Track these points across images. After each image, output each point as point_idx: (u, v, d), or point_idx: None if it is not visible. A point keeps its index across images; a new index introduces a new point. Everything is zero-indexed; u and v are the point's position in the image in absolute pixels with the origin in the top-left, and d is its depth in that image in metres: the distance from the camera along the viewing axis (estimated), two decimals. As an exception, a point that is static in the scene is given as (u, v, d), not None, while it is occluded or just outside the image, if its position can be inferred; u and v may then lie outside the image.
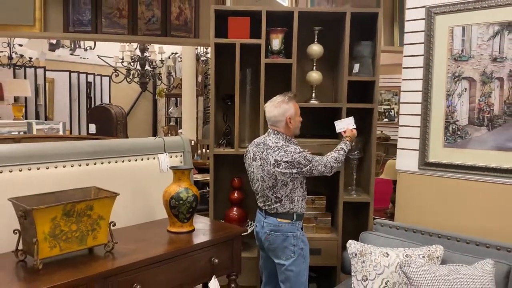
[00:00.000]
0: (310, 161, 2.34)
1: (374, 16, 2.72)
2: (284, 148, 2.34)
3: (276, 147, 2.35)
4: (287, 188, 2.37)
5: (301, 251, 2.44)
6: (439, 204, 2.49)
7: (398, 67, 6.68)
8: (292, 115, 2.39)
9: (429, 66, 2.51)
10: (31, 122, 4.89)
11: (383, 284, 2.07)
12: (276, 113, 2.39)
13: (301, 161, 2.31)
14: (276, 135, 2.41)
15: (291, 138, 2.45)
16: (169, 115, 8.51)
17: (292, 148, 2.35)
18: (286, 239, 2.40)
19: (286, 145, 2.37)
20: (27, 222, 1.71)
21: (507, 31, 2.27)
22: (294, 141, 2.47)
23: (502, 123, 2.30)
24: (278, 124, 2.40)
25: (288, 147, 2.35)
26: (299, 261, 2.43)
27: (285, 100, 2.40)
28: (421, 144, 2.55)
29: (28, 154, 2.06)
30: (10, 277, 1.68)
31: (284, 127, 2.40)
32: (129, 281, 1.82)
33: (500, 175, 2.29)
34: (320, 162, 2.37)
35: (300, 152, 2.34)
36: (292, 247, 2.41)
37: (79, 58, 7.60)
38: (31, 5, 3.76)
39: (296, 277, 2.43)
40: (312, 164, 2.34)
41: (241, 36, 2.69)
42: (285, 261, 2.42)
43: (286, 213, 2.40)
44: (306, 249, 2.48)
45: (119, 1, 3.84)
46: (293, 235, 2.40)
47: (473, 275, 1.91)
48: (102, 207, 1.87)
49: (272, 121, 2.42)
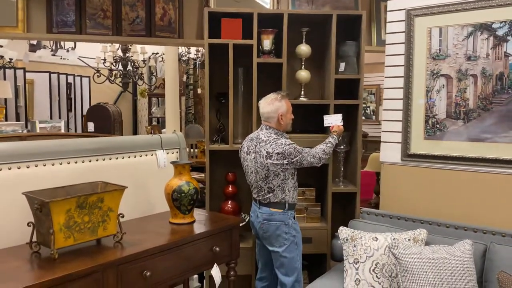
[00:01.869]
0: (300, 152, 2.48)
1: (358, 18, 2.90)
2: (275, 141, 2.49)
3: (268, 140, 2.50)
4: (279, 179, 2.51)
5: (294, 238, 2.58)
6: (421, 193, 2.67)
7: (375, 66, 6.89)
8: (284, 112, 2.55)
9: (410, 65, 2.70)
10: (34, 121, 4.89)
11: (373, 266, 2.25)
12: (269, 109, 2.54)
13: (291, 152, 2.46)
14: (268, 130, 2.56)
15: (282, 133, 2.60)
16: (152, 115, 8.53)
17: (283, 140, 2.50)
18: (279, 227, 2.55)
19: (277, 138, 2.52)
20: (43, 214, 1.79)
21: (480, 32, 2.47)
22: (285, 135, 2.62)
23: (477, 116, 2.50)
24: (271, 120, 2.56)
25: (279, 140, 2.50)
26: (292, 248, 2.58)
27: (278, 98, 2.55)
28: (403, 137, 2.74)
29: (34, 152, 2.14)
30: (28, 266, 1.76)
31: (276, 123, 2.56)
32: (139, 268, 1.93)
33: (475, 163, 2.49)
34: (309, 153, 2.51)
35: (290, 144, 2.49)
36: (285, 234, 2.56)
37: (59, 59, 7.55)
38: (13, 6, 3.75)
39: (290, 262, 2.58)
40: (302, 155, 2.49)
41: (234, 37, 2.82)
42: (278, 248, 2.57)
43: (278, 202, 2.55)
44: (299, 236, 2.63)
45: (103, 2, 3.86)
46: (285, 224, 2.55)
47: (454, 254, 2.10)
48: (111, 200, 1.97)
49: (265, 117, 2.57)
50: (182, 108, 7.82)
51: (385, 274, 2.21)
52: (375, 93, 8.48)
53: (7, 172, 2.02)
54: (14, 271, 1.68)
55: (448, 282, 2.01)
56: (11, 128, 4.89)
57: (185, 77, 8.18)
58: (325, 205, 2.97)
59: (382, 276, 2.21)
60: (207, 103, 2.94)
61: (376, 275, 2.22)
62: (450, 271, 2.03)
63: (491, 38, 2.44)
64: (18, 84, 6.88)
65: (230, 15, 2.85)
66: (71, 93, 7.86)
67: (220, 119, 3.05)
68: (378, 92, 8.37)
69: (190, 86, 8.34)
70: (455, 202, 2.55)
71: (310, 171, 3.13)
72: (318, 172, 3.12)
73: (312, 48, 2.96)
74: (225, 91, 2.93)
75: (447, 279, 2.01)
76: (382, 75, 2.91)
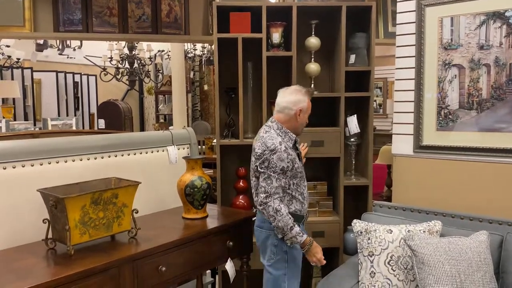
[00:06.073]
0: (272, 180, 2.05)
1: (368, 9, 2.87)
2: (266, 139, 2.10)
3: (263, 136, 2.12)
4: (258, 181, 2.13)
5: (284, 254, 2.17)
6: (434, 184, 2.65)
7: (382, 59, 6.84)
8: (304, 108, 2.17)
9: (421, 55, 2.67)
10: (46, 118, 4.92)
11: (388, 258, 2.23)
12: (289, 99, 2.15)
13: (266, 161, 2.06)
14: (273, 123, 2.18)
15: (287, 132, 2.17)
16: (159, 113, 8.55)
17: (274, 142, 2.07)
18: (268, 237, 2.19)
19: (273, 137, 2.10)
20: (58, 211, 1.79)
21: (492, 20, 2.44)
22: (290, 135, 2.18)
23: (490, 106, 2.47)
24: (285, 112, 2.16)
25: (271, 140, 2.08)
26: (279, 265, 2.19)
27: (303, 91, 2.19)
28: (415, 128, 2.71)
29: (47, 149, 2.15)
30: (45, 262, 1.77)
31: (291, 118, 2.16)
32: (154, 263, 1.94)
33: (489, 154, 2.46)
34: (273, 196, 2.05)
35: (277, 153, 2.05)
36: (273, 247, 2.18)
37: (66, 58, 7.57)
38: (20, 6, 3.75)
39: (274, 281, 2.20)
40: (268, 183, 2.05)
41: (243, 31, 2.81)
42: (265, 261, 2.24)
43: None
44: (294, 253, 2.19)
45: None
46: (275, 234, 2.16)
47: (470, 245, 2.08)
48: (126, 195, 1.97)
49: (280, 107, 2.17)
50: (189, 105, 7.82)
51: (400, 266, 2.20)
52: (382, 86, 8.43)
53: (21, 169, 2.03)
54: (31, 268, 1.69)
55: (465, 274, 1.99)
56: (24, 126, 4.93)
57: (191, 74, 8.18)
58: (337, 198, 2.96)
59: (398, 268, 2.20)
60: (217, 98, 2.93)
61: (392, 267, 2.21)
62: (467, 262, 2.01)
63: (504, 27, 2.40)
64: (26, 84, 6.92)
65: (238, 9, 2.84)
66: (78, 92, 7.89)
67: (230, 114, 3.03)
68: (385, 85, 8.32)
69: (196, 82, 8.34)
70: (469, 194, 2.53)
71: (320, 165, 3.13)
72: (329, 166, 3.11)
73: (322, 40, 2.94)
74: (234, 85, 2.92)
75: (464, 270, 2.00)
76: (389, 68, 2.90)
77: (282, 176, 2.09)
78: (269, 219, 2.09)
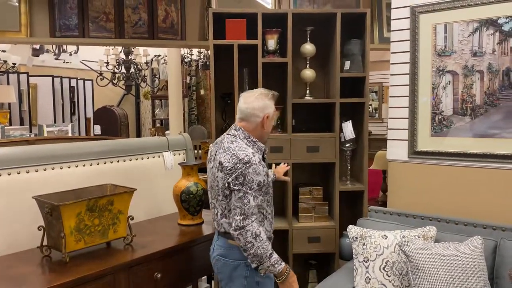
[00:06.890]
0: (248, 199, 1.78)
1: (362, 16, 2.89)
2: (235, 150, 1.85)
3: (230, 147, 1.87)
4: (228, 201, 1.86)
5: (256, 286, 1.90)
6: (429, 190, 2.66)
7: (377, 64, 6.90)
8: (271, 114, 1.97)
9: (415, 62, 2.69)
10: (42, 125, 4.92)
11: (384, 264, 2.24)
12: (255, 105, 1.92)
13: (241, 177, 1.79)
14: (238, 131, 1.94)
15: (255, 141, 1.94)
16: (155, 117, 8.55)
17: (246, 153, 1.83)
18: (237, 268, 1.89)
19: (243, 147, 1.86)
20: (53, 218, 1.80)
21: (485, 27, 2.47)
22: (259, 145, 1.95)
23: (484, 112, 2.50)
24: (251, 119, 1.93)
25: (242, 151, 1.84)
26: None
27: (269, 95, 1.97)
28: (410, 134, 2.73)
29: (43, 155, 2.15)
30: (40, 270, 1.77)
31: (257, 125, 1.94)
32: (150, 269, 1.94)
33: (483, 160, 2.48)
34: (250, 218, 1.78)
35: (252, 166, 1.80)
36: (243, 279, 1.88)
37: (62, 63, 7.57)
38: (16, 11, 3.76)
39: None
40: (244, 203, 1.78)
41: (238, 37, 2.82)
42: None
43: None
44: (265, 283, 1.91)
45: (105, 5, 3.87)
46: (246, 264, 1.87)
47: (465, 250, 2.10)
48: (121, 202, 1.98)
49: (245, 114, 1.94)
50: (185, 110, 7.82)
51: (395, 272, 2.21)
52: (377, 91, 8.47)
53: (16, 176, 2.03)
54: (26, 275, 1.69)
55: (459, 279, 2.00)
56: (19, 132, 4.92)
57: (188, 79, 8.19)
58: (333, 204, 2.97)
59: (393, 274, 2.21)
60: (213, 104, 2.94)
61: (387, 273, 2.22)
62: (461, 268, 2.03)
63: (497, 34, 2.43)
64: (22, 89, 6.91)
65: (234, 15, 2.85)
66: (75, 97, 7.89)
67: (226, 119, 3.04)
68: (381, 89, 8.36)
69: (193, 87, 8.35)
70: (463, 199, 2.54)
71: (316, 170, 3.15)
72: (325, 171, 3.12)
73: (317, 47, 2.96)
74: (230, 91, 2.93)
75: (459, 276, 2.01)
76: (384, 73, 2.93)
77: (259, 193, 1.83)
78: (245, 245, 1.77)
